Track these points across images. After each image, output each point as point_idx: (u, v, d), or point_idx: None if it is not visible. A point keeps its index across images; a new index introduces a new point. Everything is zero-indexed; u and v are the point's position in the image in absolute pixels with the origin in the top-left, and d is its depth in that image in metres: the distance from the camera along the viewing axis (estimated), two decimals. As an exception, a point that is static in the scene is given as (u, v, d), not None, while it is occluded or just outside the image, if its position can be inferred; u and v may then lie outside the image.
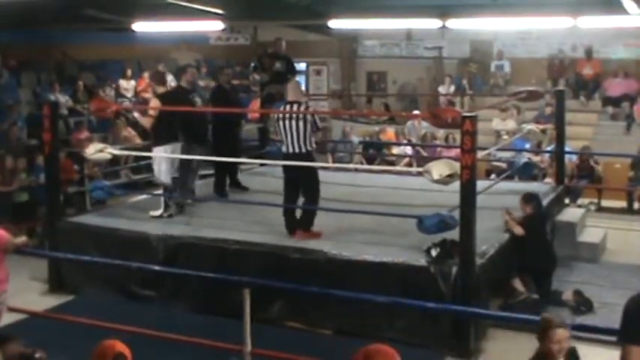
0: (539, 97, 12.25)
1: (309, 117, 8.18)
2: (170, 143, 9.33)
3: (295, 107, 8.27)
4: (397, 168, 13.85)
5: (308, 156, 8.24)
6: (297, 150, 8.20)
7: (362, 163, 15.10)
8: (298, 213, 8.46)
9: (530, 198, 8.77)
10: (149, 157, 10.19)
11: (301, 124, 8.14)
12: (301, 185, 8.36)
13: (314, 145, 8.37)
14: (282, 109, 8.43)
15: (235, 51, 19.62)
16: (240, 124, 10.76)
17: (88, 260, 8.24)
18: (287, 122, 8.18)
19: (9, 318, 6.74)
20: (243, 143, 11.99)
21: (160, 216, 9.28)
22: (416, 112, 17.68)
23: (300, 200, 8.48)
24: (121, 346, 3.83)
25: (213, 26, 16.79)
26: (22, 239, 6.93)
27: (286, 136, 8.22)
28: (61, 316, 7.54)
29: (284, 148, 8.38)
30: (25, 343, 4.03)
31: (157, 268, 8.08)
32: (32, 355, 3.90)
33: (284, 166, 8.54)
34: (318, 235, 8.25)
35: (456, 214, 7.20)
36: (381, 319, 7.20)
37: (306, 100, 10.19)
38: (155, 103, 9.45)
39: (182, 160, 9.64)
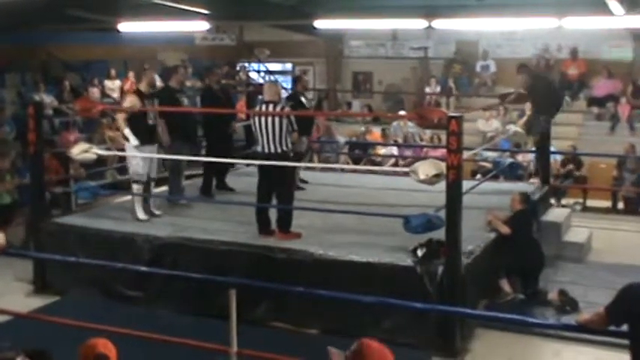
0: (527, 100, 12.29)
1: (284, 117, 8.18)
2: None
3: (271, 107, 8.27)
4: (383, 168, 13.87)
5: (283, 156, 8.23)
6: (272, 150, 8.19)
7: (348, 164, 15.12)
8: (275, 214, 8.45)
9: (525, 198, 8.85)
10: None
11: (277, 124, 8.13)
12: (275, 185, 8.36)
13: (290, 146, 8.36)
14: (258, 109, 8.41)
15: (221, 51, 19.59)
16: (230, 125, 10.63)
17: (73, 261, 8.18)
18: (262, 122, 8.18)
19: (-7, 319, 6.71)
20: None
21: (148, 219, 9.26)
22: (402, 112, 17.70)
23: (275, 202, 8.48)
24: (103, 346, 3.78)
25: (198, 26, 16.75)
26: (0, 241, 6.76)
27: (261, 136, 8.22)
28: (47, 318, 7.49)
29: (259, 148, 8.38)
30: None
31: (142, 268, 8.05)
32: None
33: (259, 166, 8.55)
34: (298, 236, 8.24)
35: (442, 214, 7.21)
36: (368, 319, 7.20)
37: (294, 99, 10.22)
38: (132, 99, 9.35)
39: (171, 161, 9.64)
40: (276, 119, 8.12)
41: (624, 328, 4.40)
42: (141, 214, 9.15)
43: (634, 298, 4.30)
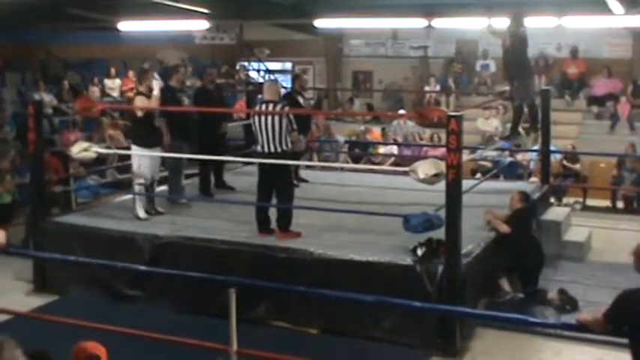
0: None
1: (284, 116, 8.18)
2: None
3: (271, 107, 8.27)
4: (383, 167, 13.86)
5: (283, 156, 8.23)
6: (272, 149, 8.18)
7: (348, 163, 15.12)
8: (275, 213, 8.44)
9: (525, 197, 8.85)
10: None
11: (277, 123, 8.13)
12: (275, 185, 8.36)
13: (290, 145, 8.36)
14: (258, 108, 8.40)
15: (221, 50, 19.60)
16: (221, 125, 10.54)
17: (73, 260, 8.19)
18: (262, 121, 8.18)
19: (-6, 318, 6.71)
20: (229, 142, 11.87)
21: (148, 218, 9.24)
22: (402, 111, 17.70)
23: (274, 201, 8.47)
24: (93, 348, 3.79)
25: (198, 25, 16.75)
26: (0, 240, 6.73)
27: (261, 136, 8.22)
28: (47, 317, 7.50)
29: (259, 148, 8.38)
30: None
31: (142, 268, 8.05)
32: None
33: (259, 165, 8.55)
34: (298, 235, 8.25)
35: (442, 213, 7.21)
36: (368, 319, 7.20)
37: (290, 99, 10.21)
38: (141, 101, 9.33)
39: (171, 160, 9.62)
40: (276, 118, 8.12)
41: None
42: (141, 213, 9.15)
43: (630, 304, 4.35)
